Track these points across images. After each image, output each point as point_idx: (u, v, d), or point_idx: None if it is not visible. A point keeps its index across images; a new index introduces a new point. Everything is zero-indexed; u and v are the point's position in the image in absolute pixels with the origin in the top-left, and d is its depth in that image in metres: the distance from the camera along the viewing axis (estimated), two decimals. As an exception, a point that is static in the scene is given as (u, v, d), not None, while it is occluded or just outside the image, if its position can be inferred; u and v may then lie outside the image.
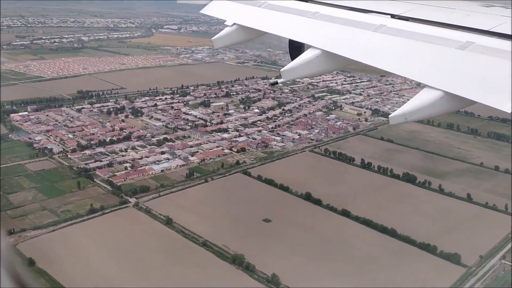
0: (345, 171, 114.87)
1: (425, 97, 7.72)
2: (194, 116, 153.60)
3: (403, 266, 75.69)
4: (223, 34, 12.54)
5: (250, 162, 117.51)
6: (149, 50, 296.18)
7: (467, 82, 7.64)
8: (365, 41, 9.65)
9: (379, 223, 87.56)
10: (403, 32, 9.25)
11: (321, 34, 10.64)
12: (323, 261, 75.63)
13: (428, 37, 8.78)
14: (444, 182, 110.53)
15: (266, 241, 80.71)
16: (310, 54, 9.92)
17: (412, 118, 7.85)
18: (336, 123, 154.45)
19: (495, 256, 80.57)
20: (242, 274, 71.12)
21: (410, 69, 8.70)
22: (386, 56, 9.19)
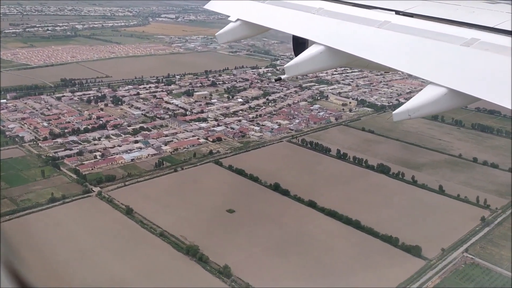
0: (319, 161, 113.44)
1: (429, 94, 7.63)
2: (175, 105, 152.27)
3: (361, 258, 74.50)
4: (227, 29, 12.38)
5: (224, 152, 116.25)
6: (142, 39, 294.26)
7: (472, 79, 7.58)
8: (369, 38, 9.58)
9: (344, 215, 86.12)
10: (407, 29, 9.15)
11: (325, 30, 10.55)
12: (280, 252, 74.52)
13: (432, 34, 8.69)
14: (419, 173, 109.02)
15: (226, 232, 79.66)
16: (314, 50, 9.78)
17: (415, 115, 7.77)
18: (319, 113, 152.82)
19: (459, 249, 79.13)
20: (195, 265, 70.12)
21: (414, 66, 8.64)
22: (390, 52, 9.12)
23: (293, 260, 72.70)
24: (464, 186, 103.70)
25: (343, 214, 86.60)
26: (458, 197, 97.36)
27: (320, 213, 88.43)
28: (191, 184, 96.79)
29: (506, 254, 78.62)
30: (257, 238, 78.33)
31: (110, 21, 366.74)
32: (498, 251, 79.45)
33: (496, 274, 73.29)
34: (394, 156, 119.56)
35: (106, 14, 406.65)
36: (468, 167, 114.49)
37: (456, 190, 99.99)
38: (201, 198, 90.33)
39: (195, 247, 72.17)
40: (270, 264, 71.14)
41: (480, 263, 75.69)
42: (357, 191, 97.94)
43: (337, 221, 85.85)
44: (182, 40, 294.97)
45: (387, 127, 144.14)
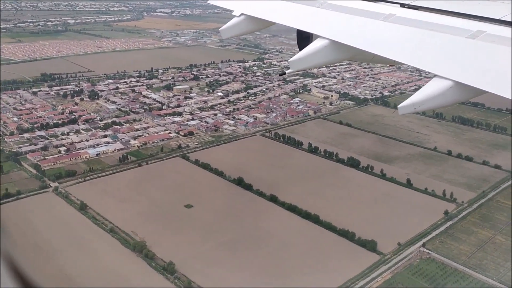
0: (290, 155, 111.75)
1: (434, 87, 7.49)
2: (152, 99, 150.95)
3: (313, 254, 72.90)
4: (231, 24, 12.21)
5: (194, 146, 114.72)
6: (133, 33, 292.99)
7: (478, 71, 7.48)
8: (374, 31, 9.48)
9: (303, 209, 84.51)
10: (412, 22, 9.04)
11: (329, 24, 10.45)
12: (232, 248, 73.12)
13: (438, 26, 8.58)
14: (390, 167, 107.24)
15: (180, 227, 78.29)
16: (318, 44, 9.63)
17: (421, 108, 7.69)
18: (298, 106, 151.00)
19: (417, 243, 77.38)
20: (141, 261, 68.79)
21: (420, 59, 8.49)
22: (395, 46, 9.00)
23: (243, 256, 71.28)
24: (434, 179, 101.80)
25: (303, 208, 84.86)
26: (426, 191, 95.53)
27: (281, 207, 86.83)
28: (153, 179, 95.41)
29: (465, 248, 76.94)
30: (210, 234, 76.86)
31: (104, 16, 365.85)
32: (457, 245, 77.68)
33: (451, 269, 71.58)
34: (368, 149, 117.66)
35: (101, 9, 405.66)
36: (441, 160, 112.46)
37: (425, 183, 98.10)
38: (161, 193, 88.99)
39: (141, 243, 70.87)
40: (219, 261, 69.69)
41: (436, 258, 73.96)
42: (322, 185, 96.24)
43: (296, 216, 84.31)
44: (173, 34, 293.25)
45: (366, 120, 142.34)
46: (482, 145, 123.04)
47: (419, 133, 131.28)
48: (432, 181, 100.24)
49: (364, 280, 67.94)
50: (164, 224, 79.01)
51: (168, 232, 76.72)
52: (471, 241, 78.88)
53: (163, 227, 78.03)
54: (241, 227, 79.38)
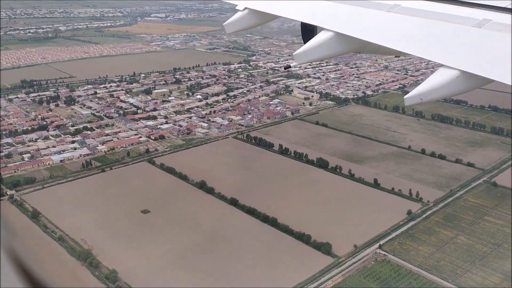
0: (259, 157, 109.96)
1: (441, 77, 7.42)
2: (129, 103, 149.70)
3: (266, 257, 71.10)
4: (235, 19, 12.09)
5: (163, 150, 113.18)
6: (123, 39, 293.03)
7: (484, 60, 7.39)
8: (379, 22, 9.36)
9: (262, 212, 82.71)
10: (417, 11, 8.94)
11: (334, 16, 10.30)
12: (184, 254, 71.42)
13: (443, 16, 8.47)
14: (361, 167, 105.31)
15: (132, 234, 76.63)
16: (323, 37, 9.48)
17: (427, 98, 7.54)
18: (276, 108, 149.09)
19: (374, 245, 75.29)
20: (84, 270, 67.15)
21: (425, 48, 8.35)
22: (400, 36, 8.88)
23: (191, 263, 69.51)
24: (404, 178, 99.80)
25: (262, 211, 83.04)
26: (392, 191, 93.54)
27: (240, 211, 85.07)
28: (114, 185, 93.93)
29: (423, 249, 74.82)
30: (163, 240, 75.21)
31: (97, 22, 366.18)
32: (416, 246, 75.55)
33: (405, 271, 69.49)
34: (341, 149, 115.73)
35: (95, 15, 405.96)
36: (414, 159, 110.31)
37: (394, 183, 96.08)
38: (119, 199, 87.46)
39: (87, 251, 69.30)
40: (166, 268, 67.98)
41: (392, 260, 71.90)
42: (287, 187, 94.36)
43: (255, 219, 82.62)
44: (164, 38, 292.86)
45: (344, 120, 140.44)
46: (458, 143, 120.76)
47: (396, 132, 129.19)
48: (401, 181, 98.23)
49: (313, 284, 66.08)
50: (116, 231, 77.38)
51: (118, 239, 75.09)
52: (431, 242, 76.73)
53: (114, 234, 76.41)
54: (195, 233, 77.60)
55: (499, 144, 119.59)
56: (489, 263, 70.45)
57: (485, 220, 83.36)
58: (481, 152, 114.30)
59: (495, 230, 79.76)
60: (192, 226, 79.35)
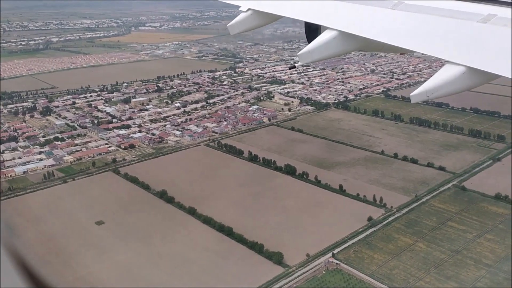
0: (227, 165, 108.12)
1: (446, 74, 7.35)
2: (106, 113, 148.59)
3: (216, 269, 68.92)
4: (238, 20, 12.01)
5: (131, 159, 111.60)
6: (113, 48, 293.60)
7: (490, 56, 7.37)
8: (383, 20, 9.32)
9: (218, 222, 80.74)
10: (421, 8, 8.85)
11: (337, 15, 10.25)
12: (127, 268, 69.40)
13: (447, 12, 8.40)
14: (330, 173, 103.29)
15: (79, 247, 74.70)
16: (327, 36, 9.45)
17: (434, 95, 7.47)
18: (253, 114, 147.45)
19: (328, 253, 73.06)
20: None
21: (430, 45, 8.25)
22: (405, 34, 8.78)
23: (138, 277, 67.40)
24: (372, 184, 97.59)
25: (219, 221, 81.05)
26: (357, 196, 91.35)
27: (197, 220, 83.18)
28: (73, 196, 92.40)
29: (378, 257, 72.48)
30: (110, 253, 73.35)
31: (91, 32, 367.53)
32: (372, 254, 73.19)
33: (356, 280, 67.14)
34: (312, 155, 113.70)
35: (90, 26, 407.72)
36: (385, 164, 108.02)
37: (360, 189, 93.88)
38: (75, 210, 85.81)
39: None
40: (107, 282, 65.97)
41: (344, 269, 69.59)
42: (249, 194, 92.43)
43: (211, 229, 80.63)
44: (154, 47, 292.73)
45: (321, 125, 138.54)
46: (433, 147, 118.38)
47: (371, 137, 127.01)
48: (368, 186, 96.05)
49: (258, 296, 63.81)
50: (64, 244, 75.59)
51: (63, 252, 73.21)
52: (388, 249, 74.38)
53: (61, 246, 74.61)
54: (145, 244, 75.72)
55: (475, 147, 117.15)
56: (444, 271, 68.04)
57: (447, 226, 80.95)
58: (455, 155, 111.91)
59: (456, 237, 77.32)
60: (144, 237, 77.51)
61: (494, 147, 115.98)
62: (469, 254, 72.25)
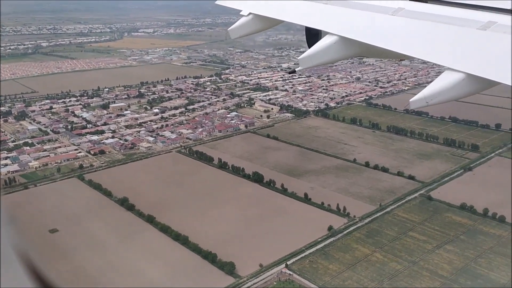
0: (195, 172, 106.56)
1: (446, 80, 7.35)
2: (82, 118, 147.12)
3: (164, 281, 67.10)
4: (239, 24, 12.00)
5: (99, 165, 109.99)
6: (102, 53, 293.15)
7: (490, 63, 7.38)
8: (383, 25, 9.29)
9: (176, 230, 79.06)
10: (422, 15, 8.81)
11: (338, 20, 10.26)
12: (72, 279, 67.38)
13: (448, 19, 8.34)
14: (298, 181, 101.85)
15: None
16: (327, 41, 9.42)
17: (433, 102, 7.46)
18: (231, 121, 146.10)
19: (282, 264, 71.36)
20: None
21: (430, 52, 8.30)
22: (405, 40, 8.82)
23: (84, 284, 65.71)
24: (338, 193, 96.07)
25: (176, 229, 79.45)
26: (321, 205, 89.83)
27: (155, 229, 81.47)
28: (32, 202, 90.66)
29: (333, 268, 70.81)
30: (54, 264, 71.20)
31: (82, 37, 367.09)
32: (327, 265, 71.51)
33: (306, 292, 65.37)
34: (284, 163, 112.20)
35: (83, 31, 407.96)
36: (356, 172, 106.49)
37: (327, 197, 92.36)
38: (30, 218, 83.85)
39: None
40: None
41: (296, 280, 67.91)
42: (213, 202, 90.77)
43: (167, 237, 78.96)
44: (143, 53, 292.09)
45: (297, 133, 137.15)
46: (407, 155, 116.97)
47: (346, 145, 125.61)
48: (335, 195, 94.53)
49: (203, 307, 62.06)
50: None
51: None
52: (344, 260, 72.69)
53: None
54: (96, 253, 73.93)
55: (448, 156, 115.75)
56: (397, 283, 66.40)
57: (408, 236, 79.32)
58: (428, 164, 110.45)
59: (416, 247, 75.68)
60: (97, 246, 75.74)
61: (467, 157, 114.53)
62: (425, 265, 70.58)
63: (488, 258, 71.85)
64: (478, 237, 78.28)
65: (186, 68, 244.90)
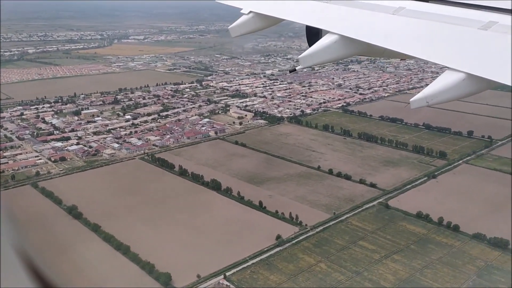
0: (154, 179, 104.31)
1: (447, 80, 7.30)
2: (52, 124, 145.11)
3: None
4: (239, 22, 11.82)
5: (57, 172, 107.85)
6: (88, 60, 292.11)
7: (491, 63, 7.37)
8: (384, 25, 9.24)
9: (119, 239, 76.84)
10: (423, 14, 8.80)
11: (338, 19, 10.23)
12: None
13: (449, 18, 8.33)
14: (258, 188, 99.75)
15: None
16: (328, 40, 9.33)
17: (433, 101, 7.47)
18: (202, 127, 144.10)
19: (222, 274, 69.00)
20: None
21: (431, 51, 8.27)
22: (405, 39, 8.81)
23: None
24: (296, 201, 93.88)
25: (119, 239, 77.17)
26: (276, 214, 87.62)
27: (98, 237, 79.20)
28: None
29: (274, 279, 68.51)
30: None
31: (71, 44, 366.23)
32: (268, 275, 69.17)
33: (240, 304, 62.99)
34: (247, 170, 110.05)
35: (73, 38, 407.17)
36: (318, 180, 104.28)
37: (283, 205, 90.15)
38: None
39: None
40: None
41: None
42: (166, 210, 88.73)
43: (109, 247, 76.58)
44: (129, 59, 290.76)
45: (267, 139, 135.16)
46: (373, 163, 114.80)
47: (314, 152, 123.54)
48: (292, 203, 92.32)
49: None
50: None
51: None
52: (287, 270, 70.33)
53: None
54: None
55: (415, 163, 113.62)
56: (336, 294, 64.00)
57: (358, 245, 77.01)
58: (392, 171, 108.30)
59: (363, 257, 73.36)
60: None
61: (434, 164, 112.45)
62: (369, 276, 68.25)
63: (435, 269, 69.55)
64: (429, 246, 75.99)
65: (169, 74, 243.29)
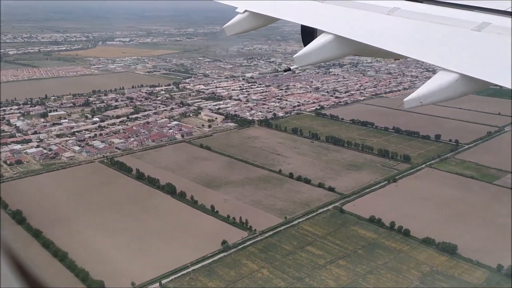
0: (109, 183, 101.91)
1: (440, 80, 7.30)
2: (15, 126, 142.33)
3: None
4: (234, 21, 11.65)
5: (11, 175, 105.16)
6: (68, 62, 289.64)
7: (484, 63, 7.32)
8: (379, 25, 9.29)
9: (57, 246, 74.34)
10: (417, 15, 8.85)
11: (333, 19, 10.20)
12: None
13: (443, 19, 8.39)
14: (215, 192, 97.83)
15: None
16: (323, 40, 9.30)
17: (427, 102, 7.45)
18: (169, 130, 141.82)
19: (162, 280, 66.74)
20: None
21: (425, 52, 8.21)
22: (400, 39, 8.80)
23: None
24: (251, 205, 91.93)
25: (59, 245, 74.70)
26: (227, 218, 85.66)
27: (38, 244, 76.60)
28: None
29: (213, 285, 66.47)
30: None
31: (54, 46, 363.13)
32: (207, 282, 66.99)
33: (171, 312, 60.74)
34: (207, 174, 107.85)
35: (58, 40, 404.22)
36: (277, 184, 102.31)
37: (238, 209, 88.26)
38: None
39: None
40: None
41: (167, 299, 63.19)
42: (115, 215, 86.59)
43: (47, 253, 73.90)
44: (110, 61, 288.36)
45: (233, 143, 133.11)
46: (336, 166, 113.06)
47: (279, 155, 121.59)
48: (247, 208, 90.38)
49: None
50: None
51: None
52: (227, 276, 68.19)
53: None
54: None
55: (378, 167, 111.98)
56: (273, 302, 61.91)
57: (305, 250, 75.01)
58: (354, 175, 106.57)
59: (308, 262, 71.35)
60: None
61: (397, 168, 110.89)
62: (310, 282, 66.27)
63: (379, 274, 67.71)
64: (376, 251, 74.17)
65: (147, 77, 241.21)
